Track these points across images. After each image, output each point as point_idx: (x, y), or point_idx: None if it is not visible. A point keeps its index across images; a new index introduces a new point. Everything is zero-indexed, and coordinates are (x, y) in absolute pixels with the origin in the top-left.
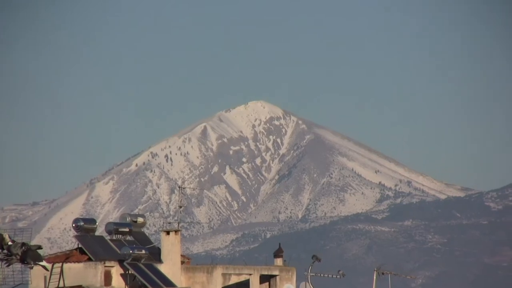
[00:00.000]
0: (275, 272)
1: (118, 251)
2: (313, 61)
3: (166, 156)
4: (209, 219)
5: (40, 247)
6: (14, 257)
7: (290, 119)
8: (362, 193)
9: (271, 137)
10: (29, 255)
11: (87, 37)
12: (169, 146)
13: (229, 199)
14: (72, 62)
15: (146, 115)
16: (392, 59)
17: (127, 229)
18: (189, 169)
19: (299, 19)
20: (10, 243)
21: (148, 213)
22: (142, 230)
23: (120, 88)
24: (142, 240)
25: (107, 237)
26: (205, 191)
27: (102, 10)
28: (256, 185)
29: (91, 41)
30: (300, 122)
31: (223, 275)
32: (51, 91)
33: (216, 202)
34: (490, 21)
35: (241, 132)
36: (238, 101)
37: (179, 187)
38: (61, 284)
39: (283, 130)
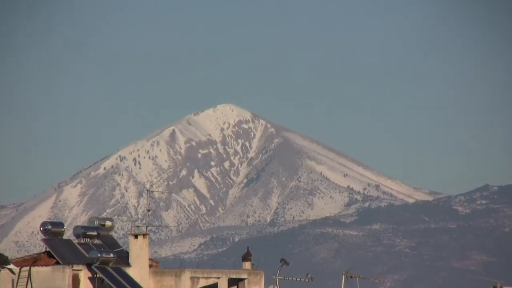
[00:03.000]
0: (244, 276)
1: (86, 255)
2: (282, 65)
3: (135, 159)
4: (177, 222)
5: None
6: None
7: (258, 122)
8: (331, 196)
9: (239, 140)
10: None
11: (53, 41)
12: (138, 150)
13: (198, 202)
14: (39, 65)
15: (114, 118)
16: (359, 63)
17: (95, 233)
18: (158, 172)
19: (267, 23)
20: None
21: (116, 217)
22: (110, 233)
23: (88, 92)
24: (110, 244)
25: (75, 241)
26: (173, 194)
27: (67, 10)
28: (224, 189)
29: (58, 46)
30: (268, 125)
31: (192, 278)
32: (18, 95)
33: (185, 206)
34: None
35: (210, 135)
36: (207, 104)
37: (147, 191)
38: None
39: (252, 133)
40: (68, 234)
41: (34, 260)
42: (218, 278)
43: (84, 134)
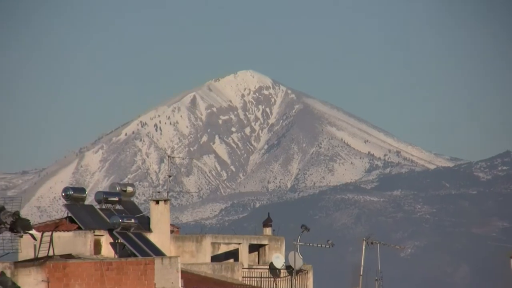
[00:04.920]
0: (264, 242)
1: (108, 220)
2: (303, 31)
3: (156, 125)
4: (198, 188)
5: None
6: (3, 226)
7: (279, 88)
8: (351, 163)
9: (260, 106)
10: (19, 224)
11: (74, 5)
12: (159, 115)
13: (218, 168)
14: (64, 31)
15: (135, 84)
16: (380, 28)
17: (116, 198)
18: (178, 138)
19: None
20: None
21: (137, 182)
22: (132, 199)
23: (109, 58)
24: (132, 209)
25: (97, 206)
26: (194, 160)
27: None
28: (245, 155)
29: (79, 9)
30: (289, 91)
31: (212, 244)
32: (40, 61)
33: (205, 172)
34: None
35: (230, 101)
36: (228, 70)
37: (168, 157)
38: (50, 253)
39: (272, 99)
40: (89, 200)
41: (56, 226)
42: (239, 244)
43: (105, 100)
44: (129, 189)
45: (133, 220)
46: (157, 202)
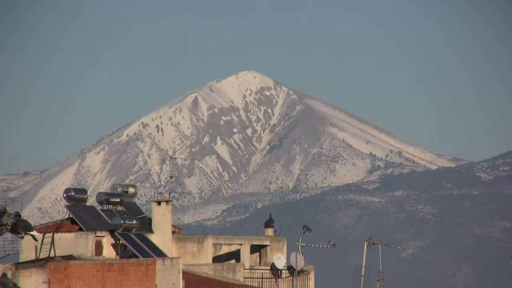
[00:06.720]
0: (266, 242)
1: (109, 221)
2: (304, 32)
3: (157, 126)
4: (200, 189)
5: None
6: (4, 227)
7: (281, 89)
8: (353, 163)
9: (262, 107)
10: (20, 225)
11: (77, 6)
12: (160, 117)
13: (220, 169)
14: (63, 32)
15: (137, 85)
16: (381, 28)
17: (118, 199)
18: (180, 139)
19: None
20: None
21: (139, 184)
22: (133, 200)
23: (110, 58)
24: (133, 210)
25: (98, 207)
26: (196, 161)
27: None
28: (247, 156)
29: (80, 10)
30: (291, 92)
31: (214, 245)
32: (41, 61)
33: (207, 173)
34: None
35: (232, 102)
36: (229, 71)
37: (170, 158)
38: (52, 254)
39: (274, 100)
40: (91, 201)
41: (57, 227)
42: (241, 244)
43: (107, 101)
44: (131, 190)
45: (134, 221)
46: (159, 203)
